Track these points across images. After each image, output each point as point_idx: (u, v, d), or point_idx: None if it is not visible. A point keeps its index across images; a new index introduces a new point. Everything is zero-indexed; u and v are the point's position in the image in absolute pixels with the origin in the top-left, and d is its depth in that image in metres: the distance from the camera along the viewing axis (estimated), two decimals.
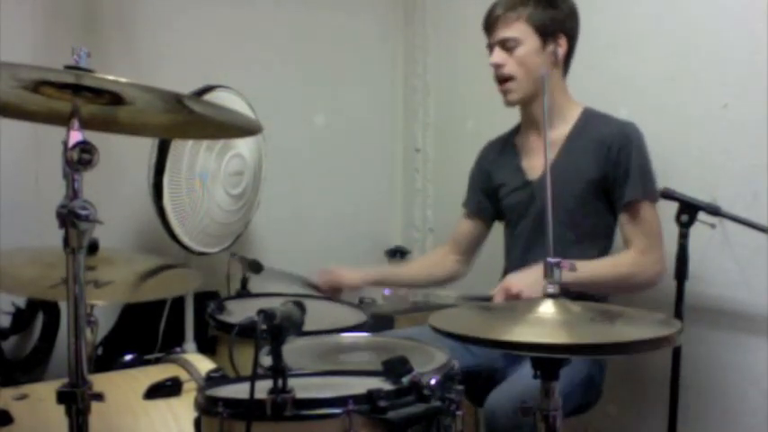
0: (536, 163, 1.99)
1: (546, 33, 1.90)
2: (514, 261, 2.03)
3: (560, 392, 1.21)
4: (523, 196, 2.01)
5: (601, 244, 1.94)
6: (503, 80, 1.94)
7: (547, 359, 1.20)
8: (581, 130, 1.95)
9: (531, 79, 1.91)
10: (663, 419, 1.99)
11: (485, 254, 2.28)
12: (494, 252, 2.22)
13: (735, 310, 2.05)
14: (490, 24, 1.95)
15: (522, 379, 1.67)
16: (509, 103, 1.98)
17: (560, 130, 1.96)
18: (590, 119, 1.96)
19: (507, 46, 1.91)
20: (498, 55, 1.92)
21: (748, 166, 2.01)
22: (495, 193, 2.12)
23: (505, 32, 1.91)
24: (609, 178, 1.89)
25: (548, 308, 1.23)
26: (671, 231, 1.95)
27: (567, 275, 1.72)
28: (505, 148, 2.11)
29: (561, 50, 1.93)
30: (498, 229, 2.20)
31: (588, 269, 1.77)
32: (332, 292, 2.14)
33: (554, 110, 1.94)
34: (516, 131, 2.11)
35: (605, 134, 1.89)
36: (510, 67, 1.92)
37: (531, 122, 2.02)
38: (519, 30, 1.90)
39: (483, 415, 1.69)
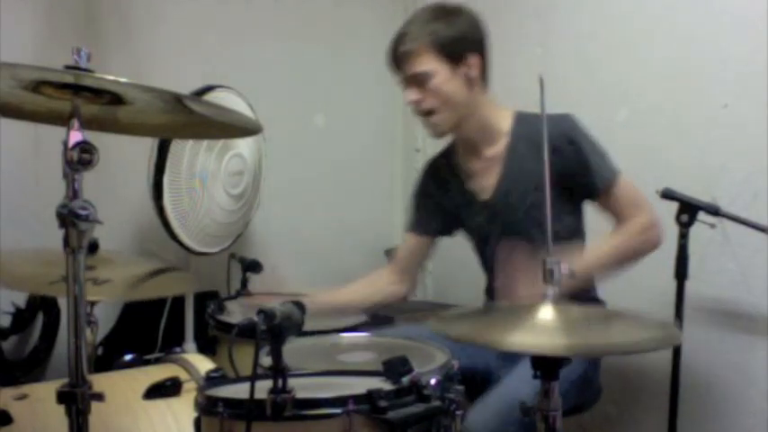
0: (485, 183, 1.94)
1: (453, 57, 1.82)
2: (492, 278, 2.02)
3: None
4: (482, 218, 1.96)
5: (577, 241, 1.90)
6: (424, 114, 1.88)
7: (546, 359, 1.20)
8: (520, 136, 1.88)
9: (452, 108, 1.84)
10: (663, 419, 1.99)
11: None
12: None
13: (735, 310, 2.06)
14: (396, 61, 1.88)
15: (502, 396, 1.67)
16: (437, 137, 1.92)
17: (499, 144, 1.90)
18: (524, 123, 1.90)
19: (419, 79, 1.83)
20: (413, 92, 1.85)
21: (748, 166, 2.01)
22: (447, 216, 2.06)
23: (414, 68, 1.83)
24: (567, 177, 1.81)
25: (547, 312, 1.23)
26: (671, 231, 1.95)
27: (592, 263, 1.73)
28: (449, 173, 2.03)
29: (474, 70, 1.85)
30: None
31: (606, 250, 1.75)
32: None
33: (485, 129, 1.90)
34: (454, 153, 2.02)
35: (548, 135, 1.84)
36: (428, 102, 1.84)
37: (467, 145, 1.96)
38: (426, 62, 1.82)
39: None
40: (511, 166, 1.89)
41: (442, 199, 2.05)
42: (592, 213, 1.92)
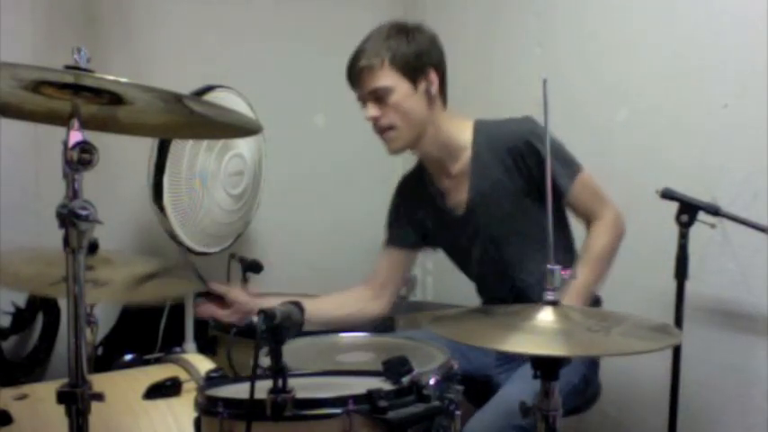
0: (456, 199, 1.93)
1: (413, 73, 1.82)
2: (478, 289, 2.03)
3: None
4: (459, 235, 1.96)
5: (563, 237, 1.89)
6: (383, 131, 1.87)
7: (546, 359, 1.20)
8: (481, 147, 1.87)
9: (411, 124, 1.84)
10: (663, 419, 1.99)
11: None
12: None
13: (735, 310, 2.06)
14: (355, 78, 1.88)
15: (501, 402, 1.66)
16: (393, 152, 1.91)
17: (463, 159, 1.89)
18: (484, 132, 1.89)
19: (378, 95, 1.83)
20: (372, 108, 1.84)
21: (748, 166, 2.01)
22: (422, 231, 2.05)
23: (373, 83, 1.83)
24: (534, 181, 1.82)
25: (547, 315, 1.23)
26: (671, 231, 1.95)
27: (578, 296, 1.73)
28: (422, 192, 2.02)
29: (434, 86, 1.85)
30: None
31: (584, 286, 1.74)
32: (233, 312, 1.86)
33: (447, 144, 1.89)
34: (424, 173, 2.01)
35: (507, 144, 1.82)
36: (387, 118, 1.84)
37: (434, 164, 1.95)
38: (386, 78, 1.82)
39: None
40: (478, 178, 1.88)
41: (417, 215, 2.04)
42: None
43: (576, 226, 1.92)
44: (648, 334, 1.26)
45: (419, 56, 1.84)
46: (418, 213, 2.04)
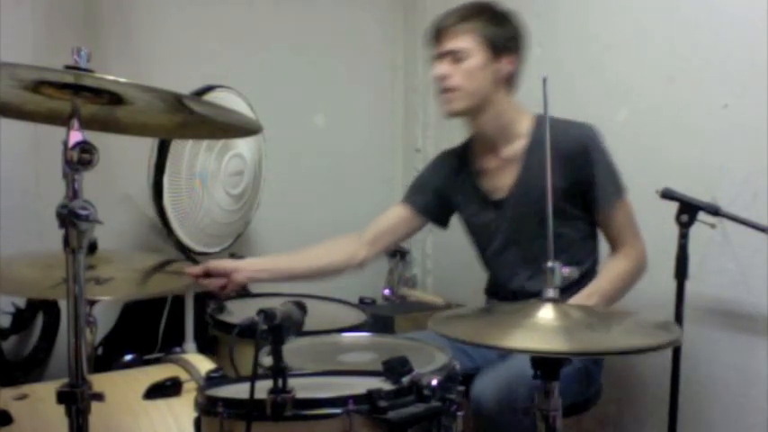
0: (498, 183, 1.94)
1: (495, 50, 1.85)
2: (497, 278, 2.02)
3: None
4: (490, 218, 1.97)
5: (584, 247, 1.92)
6: (446, 90, 1.87)
7: (546, 359, 1.20)
8: (539, 141, 1.87)
9: (475, 93, 1.86)
10: (663, 419, 1.99)
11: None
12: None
13: (735, 310, 2.05)
14: (439, 34, 1.88)
15: (511, 369, 1.67)
16: (449, 113, 1.90)
17: (517, 145, 1.91)
18: (544, 126, 1.91)
19: (455, 57, 1.85)
20: (444, 66, 1.86)
21: (748, 166, 2.01)
22: (450, 208, 2.06)
23: (455, 43, 1.85)
24: (578, 187, 1.85)
25: (547, 312, 1.23)
26: (671, 231, 1.95)
27: (590, 297, 1.76)
28: (461, 167, 2.03)
29: (508, 68, 1.87)
30: None
31: (602, 291, 1.78)
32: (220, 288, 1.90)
33: (504, 127, 1.91)
34: (469, 150, 2.03)
35: (563, 146, 1.81)
36: (456, 79, 1.85)
37: (483, 142, 1.96)
38: (469, 42, 1.84)
39: (470, 400, 1.68)
40: (528, 169, 1.90)
41: (446, 189, 2.05)
42: None
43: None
44: (649, 331, 1.26)
45: (505, 38, 1.88)
46: (449, 186, 2.05)
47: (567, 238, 1.86)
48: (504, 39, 1.87)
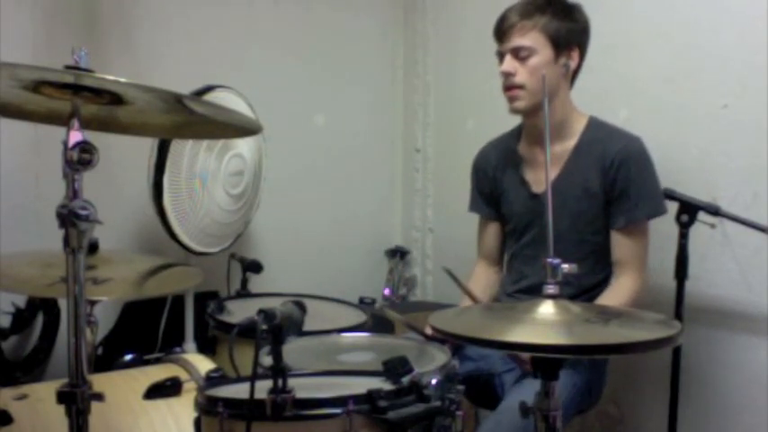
0: (541, 176, 1.94)
1: (560, 45, 1.85)
2: (519, 272, 2.02)
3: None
4: (528, 208, 1.97)
5: (606, 258, 1.91)
6: (511, 87, 1.88)
7: (546, 359, 1.20)
8: (587, 144, 1.90)
9: (539, 89, 1.84)
10: (663, 419, 1.99)
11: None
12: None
13: (735, 310, 2.05)
14: (504, 31, 1.88)
15: (508, 411, 1.65)
16: (515, 111, 1.92)
17: (566, 144, 1.92)
18: (596, 132, 1.92)
19: (520, 55, 1.84)
20: (510, 63, 1.86)
21: (748, 166, 2.00)
22: (498, 199, 2.08)
23: (520, 41, 1.84)
24: (610, 197, 1.86)
25: (547, 308, 1.23)
26: (671, 231, 1.95)
27: None
28: (508, 155, 2.05)
29: (573, 63, 1.88)
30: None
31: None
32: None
33: (560, 123, 1.90)
34: (518, 139, 2.04)
35: (609, 150, 1.85)
36: (521, 77, 1.85)
37: (535, 134, 1.96)
38: (534, 39, 1.84)
39: None
40: (571, 168, 1.90)
41: (497, 176, 2.07)
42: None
43: None
44: (648, 326, 1.26)
45: (570, 31, 1.87)
46: (497, 179, 2.06)
47: (594, 245, 1.87)
48: (569, 33, 1.87)
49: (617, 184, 1.84)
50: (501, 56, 1.90)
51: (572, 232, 1.87)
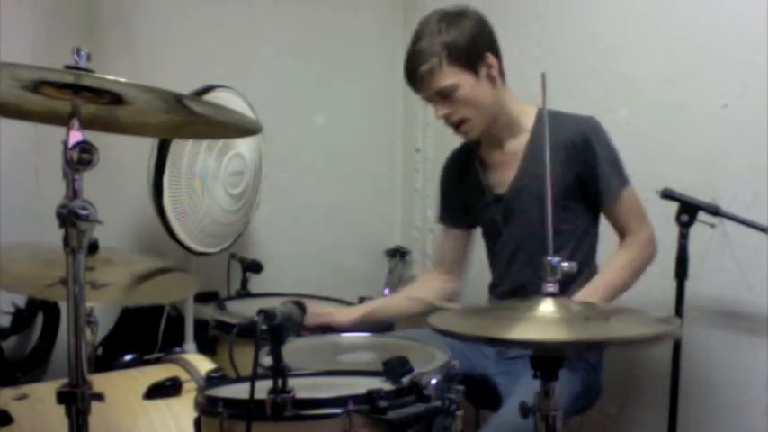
0: (502, 177, 1.95)
1: (473, 62, 1.82)
2: (500, 273, 2.02)
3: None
4: (495, 212, 1.97)
5: (586, 242, 1.92)
6: (456, 125, 1.88)
7: (545, 358, 1.20)
8: (540, 136, 1.85)
9: (482, 112, 1.85)
10: (663, 419, 1.99)
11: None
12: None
13: (735, 310, 2.05)
14: (418, 82, 1.86)
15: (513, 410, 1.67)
16: (471, 140, 1.94)
17: (520, 140, 1.92)
18: (547, 122, 1.92)
19: (444, 94, 1.82)
20: (442, 107, 1.85)
21: (748, 166, 2.01)
22: (464, 205, 2.07)
23: (437, 84, 1.81)
24: (580, 180, 1.86)
25: (547, 306, 1.23)
26: (671, 231, 1.95)
27: (596, 291, 1.78)
28: (471, 160, 2.03)
29: (494, 69, 1.85)
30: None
31: (606, 284, 1.80)
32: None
33: (510, 122, 1.91)
34: (476, 145, 2.02)
35: (565, 138, 1.82)
36: (459, 113, 1.85)
37: (490, 138, 1.96)
38: (448, 75, 1.80)
39: None
40: (529, 163, 1.90)
41: (459, 191, 2.07)
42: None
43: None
44: (647, 322, 1.26)
45: (474, 44, 1.83)
46: (461, 189, 2.06)
47: (567, 233, 1.86)
48: (473, 46, 1.83)
49: (585, 166, 1.84)
50: (428, 101, 1.89)
51: (541, 225, 1.86)
